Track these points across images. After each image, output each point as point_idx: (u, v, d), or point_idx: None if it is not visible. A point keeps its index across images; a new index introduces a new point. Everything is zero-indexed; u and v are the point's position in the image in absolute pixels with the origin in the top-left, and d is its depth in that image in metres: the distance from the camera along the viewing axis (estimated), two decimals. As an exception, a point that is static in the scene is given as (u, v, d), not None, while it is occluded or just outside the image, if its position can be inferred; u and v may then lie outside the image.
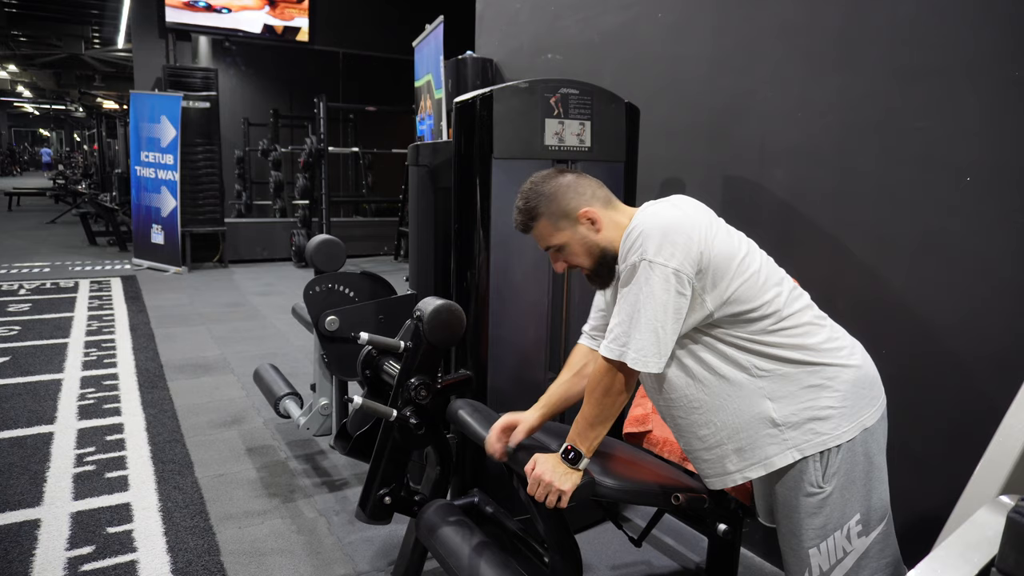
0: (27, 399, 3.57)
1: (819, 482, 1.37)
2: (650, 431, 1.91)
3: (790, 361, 1.37)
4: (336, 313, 2.51)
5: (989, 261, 1.69)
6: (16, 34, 18.65)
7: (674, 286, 1.31)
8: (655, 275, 1.31)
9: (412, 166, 2.74)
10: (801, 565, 1.42)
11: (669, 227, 1.34)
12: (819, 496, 1.38)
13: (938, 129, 1.78)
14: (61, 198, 15.02)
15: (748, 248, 1.42)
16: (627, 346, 1.34)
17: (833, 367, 1.38)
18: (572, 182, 1.50)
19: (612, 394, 1.38)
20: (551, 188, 1.49)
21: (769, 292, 1.38)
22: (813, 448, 1.36)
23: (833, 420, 1.37)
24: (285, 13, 9.97)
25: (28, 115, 38.61)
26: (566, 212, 1.48)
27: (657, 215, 1.38)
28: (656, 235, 1.33)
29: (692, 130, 2.56)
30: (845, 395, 1.38)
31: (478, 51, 3.96)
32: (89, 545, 2.28)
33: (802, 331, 1.38)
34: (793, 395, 1.37)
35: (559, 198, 1.48)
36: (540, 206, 1.49)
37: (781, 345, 1.37)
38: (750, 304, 1.36)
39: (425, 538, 1.79)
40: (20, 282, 6.65)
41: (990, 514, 1.01)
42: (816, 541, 1.39)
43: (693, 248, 1.33)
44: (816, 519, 1.39)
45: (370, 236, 9.36)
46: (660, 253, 1.31)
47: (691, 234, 1.34)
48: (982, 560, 0.89)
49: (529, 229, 1.53)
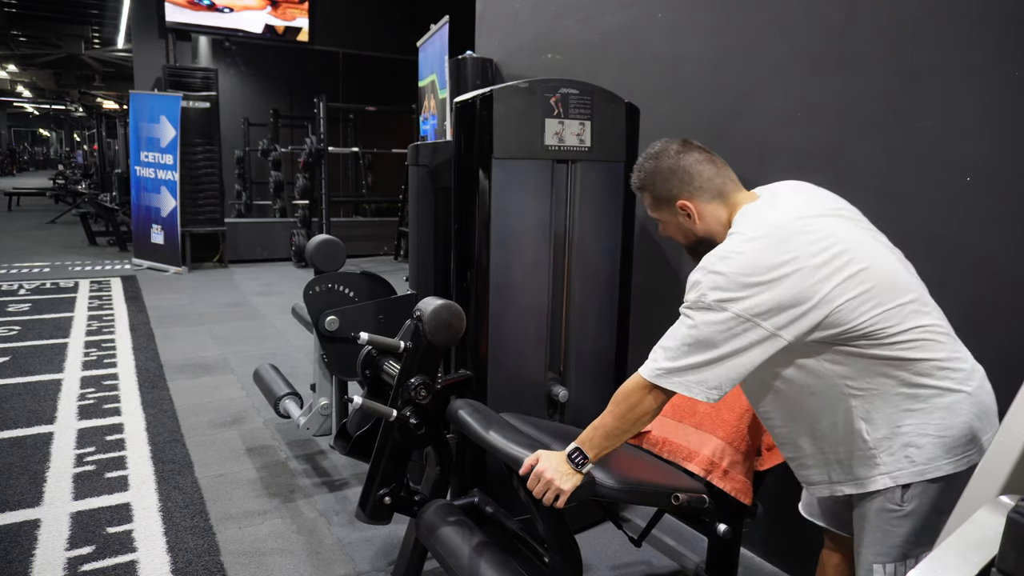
0: (27, 399, 3.57)
1: (899, 500, 1.29)
2: (650, 431, 1.91)
3: (890, 377, 1.27)
4: (336, 313, 2.51)
5: (989, 261, 1.69)
6: (16, 34, 18.65)
7: (732, 328, 1.24)
8: (715, 317, 1.24)
9: (412, 166, 2.74)
10: (864, 573, 1.36)
11: (742, 267, 1.24)
12: (896, 514, 1.30)
13: (938, 129, 1.78)
14: (61, 198, 15.02)
15: (857, 267, 1.25)
16: (672, 375, 1.28)
17: (939, 390, 1.26)
18: (687, 167, 1.40)
19: (638, 412, 1.34)
20: (666, 168, 1.42)
21: (876, 309, 1.24)
22: (908, 477, 1.27)
23: (932, 449, 1.26)
24: (287, 13, 9.97)
25: (28, 115, 38.61)
26: (667, 197, 1.43)
27: (736, 250, 1.27)
28: (725, 276, 1.24)
29: (692, 130, 2.54)
30: (949, 423, 1.26)
31: (478, 51, 3.95)
32: (89, 545, 2.28)
33: (914, 346, 1.26)
34: (889, 417, 1.28)
35: (666, 181, 1.42)
36: (648, 182, 1.45)
37: (881, 359, 1.26)
38: (845, 326, 1.24)
39: (425, 538, 1.79)
40: (20, 282, 6.65)
41: (990, 514, 1.01)
42: (883, 559, 1.32)
43: (766, 290, 1.22)
44: (887, 535, 1.31)
45: (370, 236, 9.35)
46: (724, 297, 1.23)
47: (765, 276, 1.22)
48: (982, 560, 0.89)
49: (637, 193, 1.51)
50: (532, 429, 1.77)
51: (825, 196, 1.45)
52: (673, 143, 1.46)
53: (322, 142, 8.20)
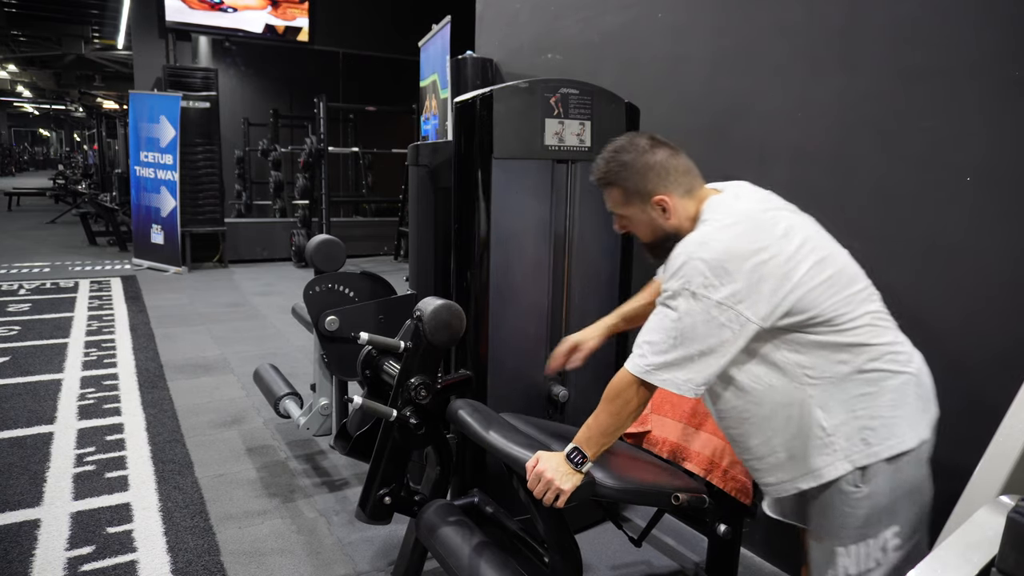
0: (27, 399, 3.57)
1: (857, 481, 1.32)
2: (649, 431, 1.91)
3: (846, 364, 1.31)
4: (336, 313, 2.51)
5: (989, 261, 1.69)
6: (16, 34, 18.63)
7: (715, 316, 1.27)
8: (698, 306, 1.27)
9: (412, 166, 2.74)
10: (826, 563, 1.38)
11: (719, 254, 1.27)
12: (855, 495, 1.32)
13: (938, 129, 1.78)
14: (61, 198, 15.01)
15: (816, 256, 1.32)
16: (658, 370, 1.30)
17: (888, 372, 1.32)
18: (662, 163, 1.42)
19: (630, 407, 1.36)
20: (640, 164, 1.42)
21: (834, 297, 1.30)
22: (865, 459, 1.31)
23: (886, 430, 1.31)
24: (287, 13, 9.97)
25: (28, 115, 38.62)
26: (642, 192, 1.42)
27: (713, 239, 1.30)
28: (707, 264, 1.26)
29: (692, 130, 2.55)
30: (898, 403, 1.32)
31: (478, 51, 3.96)
32: (89, 545, 2.28)
33: (867, 332, 1.32)
34: (844, 403, 1.32)
35: (642, 177, 1.42)
36: (620, 177, 1.43)
37: (838, 346, 1.31)
38: (808, 313, 1.30)
39: (425, 538, 1.79)
40: (20, 282, 6.65)
41: (990, 514, 1.01)
42: (846, 541, 1.35)
43: (743, 278, 1.26)
44: (849, 518, 1.34)
45: (370, 236, 9.35)
46: (706, 284, 1.26)
47: (740, 263, 1.26)
48: (982, 560, 0.89)
49: (602, 188, 1.49)
50: (532, 429, 1.77)
51: (774, 195, 1.51)
52: (640, 138, 1.46)
53: (322, 142, 8.20)
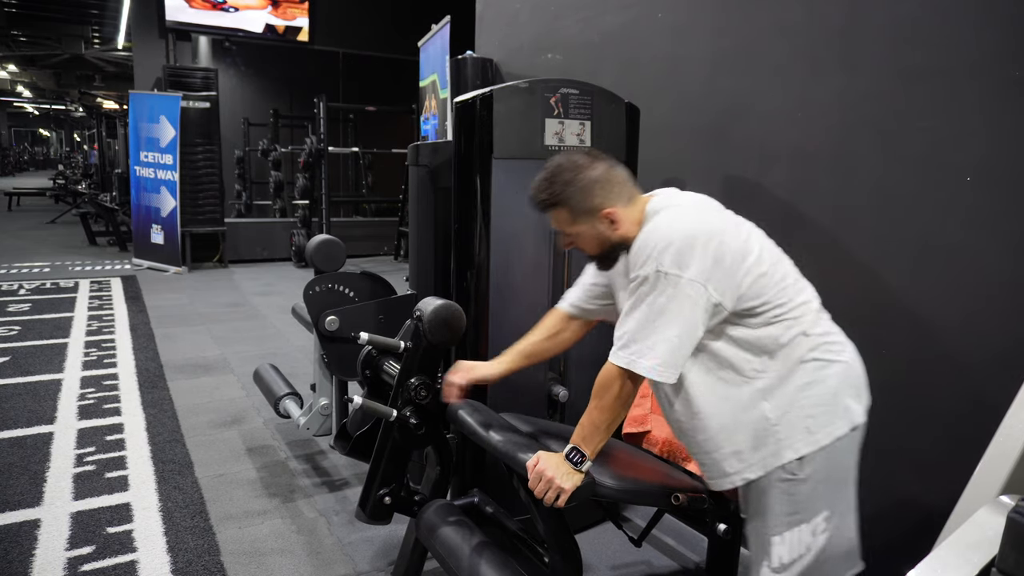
0: (27, 399, 3.57)
1: (795, 469, 1.37)
2: (649, 431, 1.92)
3: (790, 355, 1.37)
4: (336, 313, 2.51)
5: (989, 261, 1.69)
6: (16, 34, 18.64)
7: (689, 295, 1.31)
8: (671, 286, 1.31)
9: (412, 166, 2.74)
10: (762, 552, 1.43)
11: (684, 235, 1.33)
12: (792, 482, 1.38)
13: (938, 129, 1.78)
14: (61, 198, 15.01)
15: (760, 246, 1.40)
16: (641, 356, 1.33)
17: (826, 361, 1.38)
18: (603, 177, 1.45)
19: (620, 400, 1.38)
20: (583, 182, 1.44)
21: (777, 286, 1.37)
22: (807, 447, 1.36)
23: (825, 417, 1.37)
24: (287, 13, 9.97)
25: (28, 115, 38.62)
26: (589, 208, 1.45)
27: (675, 223, 1.37)
28: (674, 245, 1.32)
29: (692, 130, 2.56)
30: (837, 391, 1.38)
31: (478, 51, 3.96)
32: (89, 545, 2.28)
33: (807, 321, 1.38)
34: (788, 394, 1.37)
35: (587, 194, 1.44)
36: (565, 197, 1.45)
37: (780, 338, 1.37)
38: (758, 300, 1.36)
39: (425, 538, 1.79)
40: (20, 282, 6.65)
41: (990, 514, 1.01)
42: (781, 529, 1.40)
43: (709, 254, 1.32)
44: (785, 505, 1.39)
45: (370, 236, 9.35)
46: (677, 264, 1.31)
47: (705, 242, 1.33)
48: (982, 560, 0.90)
49: (546, 211, 1.50)
50: (532, 429, 1.77)
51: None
52: (576, 156, 1.47)
53: (322, 142, 8.20)
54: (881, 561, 1.93)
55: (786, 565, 1.40)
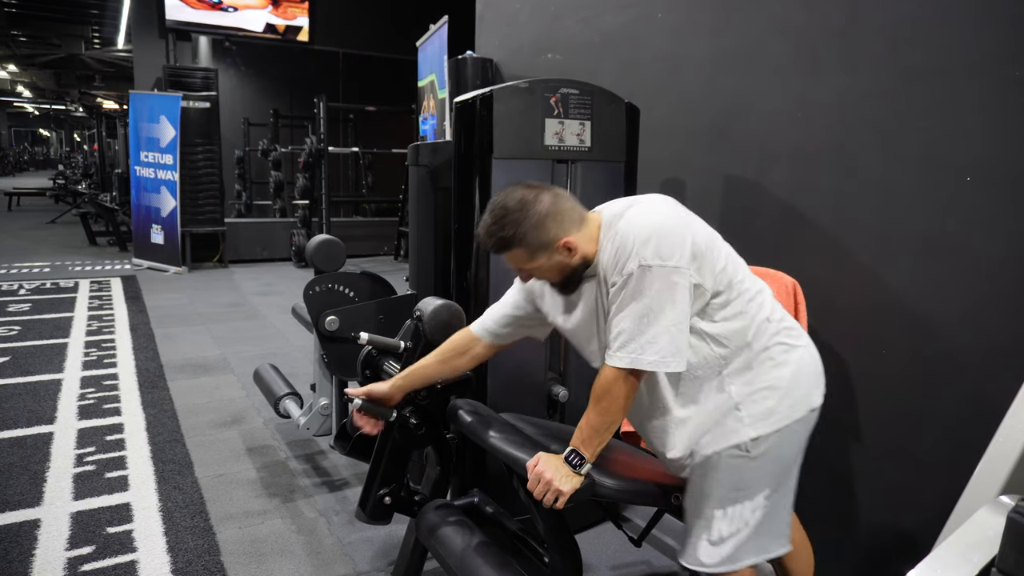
0: (27, 399, 3.57)
1: (748, 447, 1.40)
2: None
3: (752, 338, 1.41)
4: (336, 313, 2.51)
5: (989, 261, 1.69)
6: (16, 34, 18.63)
7: (677, 282, 1.33)
8: (657, 278, 1.32)
9: (412, 166, 2.74)
10: (702, 525, 1.46)
11: (660, 227, 1.36)
12: (744, 459, 1.40)
13: (939, 129, 1.78)
14: (61, 198, 15.01)
15: (718, 237, 1.45)
16: (643, 352, 1.33)
17: (787, 346, 1.43)
18: (551, 210, 1.42)
19: (621, 402, 1.38)
20: (533, 219, 1.41)
21: (738, 274, 1.43)
22: (768, 427, 1.39)
23: (788, 399, 1.41)
24: (288, 12, 9.97)
25: (28, 115, 38.62)
26: (546, 243, 1.42)
27: (643, 218, 1.39)
28: (652, 238, 1.34)
29: (692, 130, 2.55)
30: (796, 374, 1.42)
31: (478, 51, 3.96)
32: (89, 545, 2.28)
33: (765, 308, 1.44)
34: (753, 378, 1.41)
35: (540, 229, 1.41)
36: (518, 237, 1.42)
37: (747, 329, 1.41)
38: (725, 286, 1.40)
39: (425, 538, 1.79)
40: (20, 282, 6.65)
41: (990, 514, 1.01)
42: (725, 504, 1.42)
43: (687, 242, 1.35)
44: (733, 481, 1.42)
45: (370, 236, 9.35)
46: (659, 255, 1.33)
47: (680, 230, 1.36)
48: (982, 560, 0.90)
49: (499, 253, 1.48)
50: (532, 429, 1.77)
51: None
52: (518, 192, 1.44)
53: (322, 142, 8.20)
54: (881, 561, 1.93)
55: (724, 539, 1.43)
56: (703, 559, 1.45)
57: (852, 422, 1.97)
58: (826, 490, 2.05)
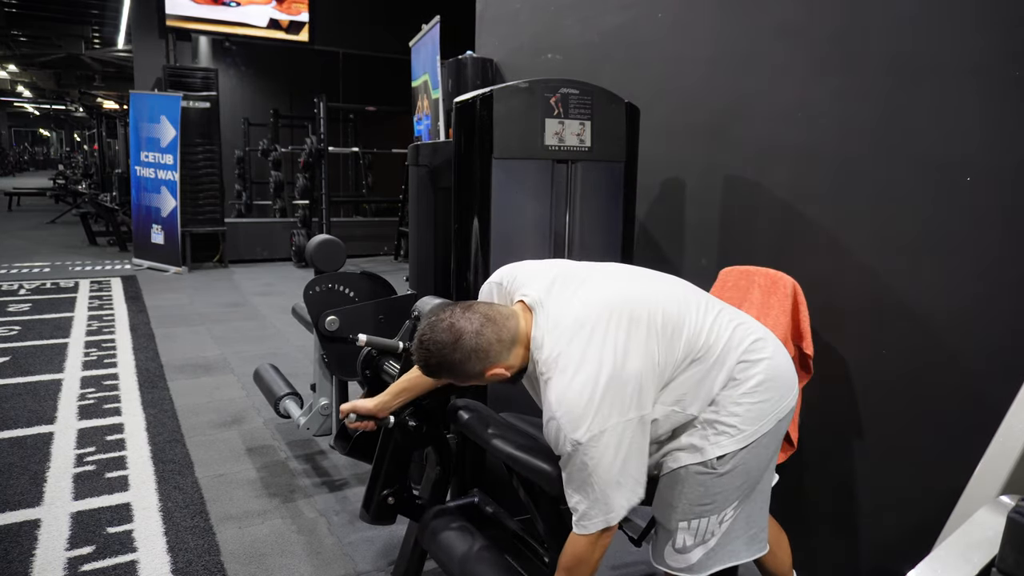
0: (27, 399, 3.57)
1: (714, 464, 1.39)
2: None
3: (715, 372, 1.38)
4: (336, 313, 2.51)
5: (989, 261, 1.69)
6: (16, 34, 18.64)
7: (622, 435, 1.28)
8: (595, 448, 1.27)
9: (412, 166, 2.74)
10: (666, 534, 1.46)
11: (589, 401, 1.27)
12: (710, 475, 1.39)
13: (938, 129, 1.78)
14: (61, 198, 15.01)
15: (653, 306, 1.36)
16: (609, 511, 1.31)
17: (749, 363, 1.40)
18: (472, 348, 1.34)
19: (595, 561, 1.37)
20: (454, 363, 1.36)
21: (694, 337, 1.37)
22: (734, 445, 1.38)
23: (752, 415, 1.39)
24: (292, 7, 9.97)
25: (28, 115, 38.62)
26: (474, 375, 1.39)
27: (571, 389, 1.29)
28: (581, 419, 1.26)
29: (692, 130, 2.56)
30: (761, 388, 1.40)
31: (478, 51, 3.96)
32: (89, 545, 2.28)
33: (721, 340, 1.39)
34: (719, 400, 1.39)
35: (464, 368, 1.37)
36: (447, 372, 1.41)
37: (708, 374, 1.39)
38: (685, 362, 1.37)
39: (425, 540, 1.79)
40: (20, 282, 6.65)
41: (990, 514, 1.01)
42: (689, 517, 1.42)
43: (628, 387, 1.28)
44: (698, 496, 1.41)
45: (370, 236, 9.35)
46: (590, 429, 1.26)
47: (619, 389, 1.28)
48: (982, 560, 0.90)
49: (434, 377, 1.48)
50: (532, 429, 1.77)
51: (566, 267, 1.50)
52: (442, 323, 1.36)
53: (322, 142, 8.20)
54: (881, 561, 1.93)
55: (689, 547, 1.43)
56: (669, 563, 1.47)
57: (852, 422, 1.97)
58: (826, 490, 2.05)
